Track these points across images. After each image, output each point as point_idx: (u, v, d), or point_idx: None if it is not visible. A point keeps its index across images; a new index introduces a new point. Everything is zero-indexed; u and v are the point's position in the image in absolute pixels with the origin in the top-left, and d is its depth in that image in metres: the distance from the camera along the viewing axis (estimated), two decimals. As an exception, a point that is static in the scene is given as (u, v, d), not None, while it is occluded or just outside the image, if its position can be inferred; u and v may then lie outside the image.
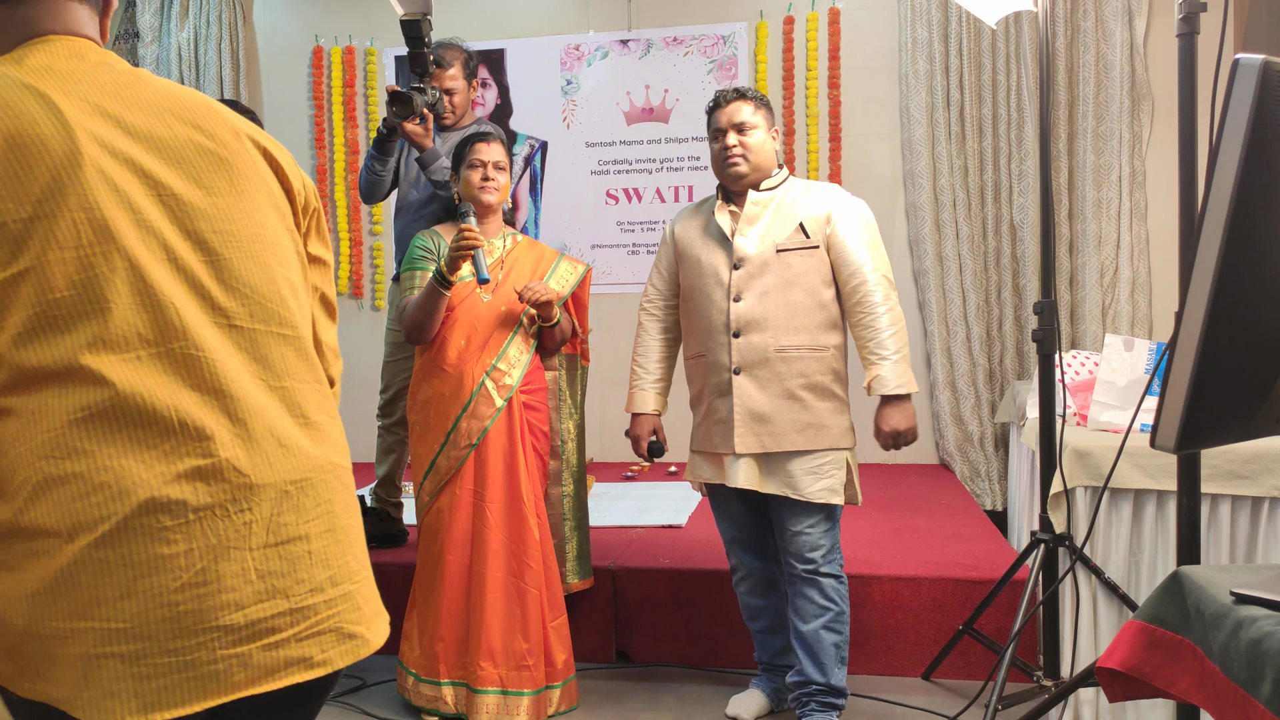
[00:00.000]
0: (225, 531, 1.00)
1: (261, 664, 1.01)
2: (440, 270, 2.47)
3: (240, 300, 1.07)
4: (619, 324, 4.76)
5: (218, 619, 0.99)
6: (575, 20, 4.81)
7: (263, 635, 1.02)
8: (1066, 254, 4.27)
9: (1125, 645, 1.26)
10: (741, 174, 2.40)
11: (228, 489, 1.00)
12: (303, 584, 1.05)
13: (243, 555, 1.01)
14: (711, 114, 2.46)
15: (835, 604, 2.37)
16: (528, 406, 2.60)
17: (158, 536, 0.96)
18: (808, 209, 2.39)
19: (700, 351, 2.46)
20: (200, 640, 0.98)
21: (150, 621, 0.96)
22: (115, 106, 1.04)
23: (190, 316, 1.02)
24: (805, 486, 2.34)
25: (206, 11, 5.02)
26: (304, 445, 1.09)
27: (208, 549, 0.98)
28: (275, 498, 1.04)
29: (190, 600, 0.97)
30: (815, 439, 2.35)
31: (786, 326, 2.35)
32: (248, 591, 1.01)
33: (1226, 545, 2.40)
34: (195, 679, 0.97)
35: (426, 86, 2.84)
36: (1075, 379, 2.91)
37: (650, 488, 4.20)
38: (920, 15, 4.32)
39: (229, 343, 1.05)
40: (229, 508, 1.00)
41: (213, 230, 1.06)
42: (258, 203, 1.12)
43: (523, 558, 2.52)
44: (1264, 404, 1.08)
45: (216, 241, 1.06)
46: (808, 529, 2.35)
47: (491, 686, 2.49)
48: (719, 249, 2.43)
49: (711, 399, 2.44)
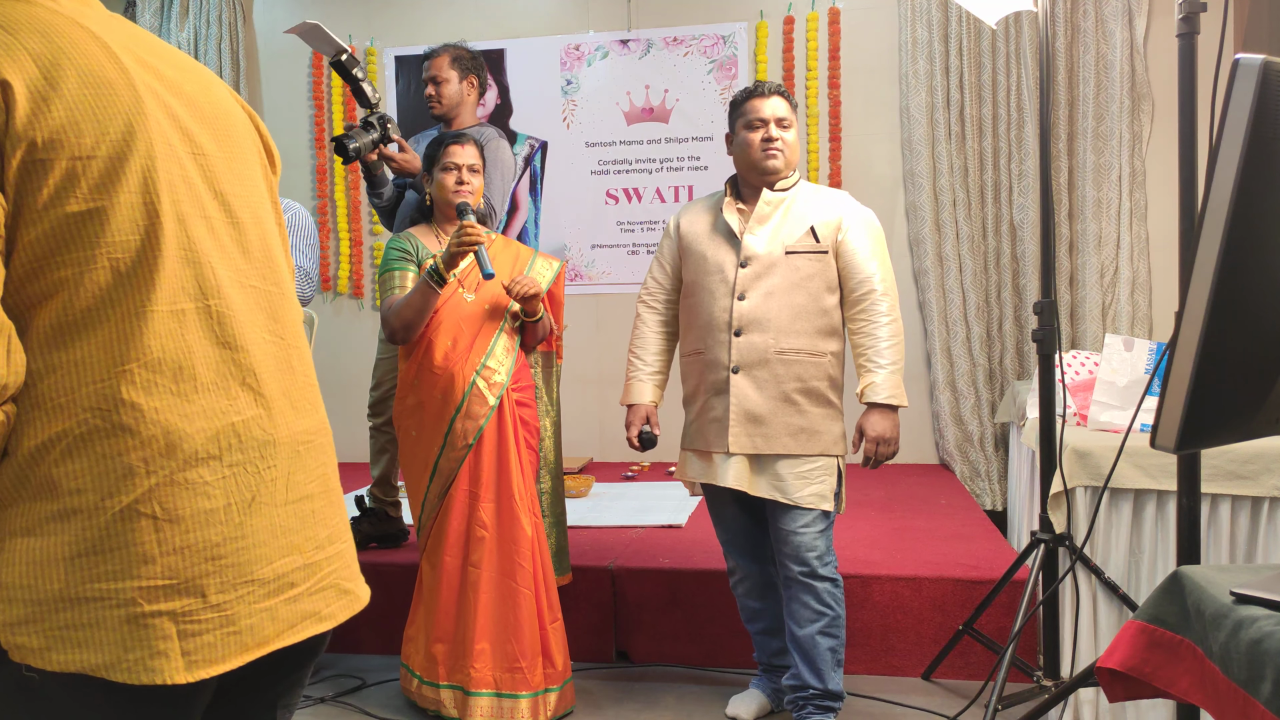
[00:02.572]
0: (256, 486, 1.02)
1: (285, 617, 1.03)
2: (436, 268, 2.45)
3: (253, 262, 1.09)
4: (619, 324, 4.76)
5: (253, 573, 1.00)
6: (575, 20, 4.81)
7: (285, 589, 1.04)
8: (1066, 254, 4.27)
9: (1125, 645, 1.26)
10: (778, 168, 2.38)
11: (255, 445, 1.02)
12: (310, 540, 1.08)
13: (271, 510, 1.03)
14: (745, 103, 2.40)
15: (831, 609, 2.36)
16: (519, 404, 2.60)
17: (201, 491, 0.97)
18: (820, 214, 2.38)
19: (698, 348, 2.45)
20: (239, 594, 0.99)
21: (198, 576, 0.96)
22: (151, 59, 1.04)
23: (222, 274, 1.03)
24: (794, 490, 2.33)
25: (206, 11, 5.03)
26: (306, 406, 1.11)
27: (243, 503, 1.00)
28: (289, 455, 1.06)
29: (232, 554, 0.98)
30: (807, 444, 2.35)
31: (788, 329, 2.34)
32: (274, 546, 1.03)
33: (1226, 545, 2.40)
34: (235, 634, 0.98)
35: (374, 117, 2.88)
36: (1075, 379, 2.91)
37: (650, 488, 4.20)
38: (920, 15, 4.32)
39: (250, 302, 1.06)
40: (258, 464, 1.02)
41: (232, 191, 1.08)
42: (254, 166, 1.14)
43: (514, 557, 2.51)
44: (1264, 404, 1.08)
45: (236, 203, 1.08)
46: (802, 529, 2.34)
47: (485, 689, 2.47)
48: (726, 246, 2.41)
49: (707, 397, 2.42)
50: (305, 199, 5.09)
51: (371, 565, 3.16)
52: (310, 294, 2.79)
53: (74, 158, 0.92)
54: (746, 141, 2.39)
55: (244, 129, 1.14)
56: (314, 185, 5.10)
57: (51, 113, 0.91)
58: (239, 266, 1.06)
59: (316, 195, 5.10)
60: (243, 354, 1.03)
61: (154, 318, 0.96)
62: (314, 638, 1.09)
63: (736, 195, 2.47)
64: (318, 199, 5.09)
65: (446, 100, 3.17)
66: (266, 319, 1.08)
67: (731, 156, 2.48)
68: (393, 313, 2.52)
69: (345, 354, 4.95)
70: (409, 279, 2.57)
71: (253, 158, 1.14)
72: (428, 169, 2.66)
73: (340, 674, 2.96)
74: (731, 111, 2.46)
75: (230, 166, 1.09)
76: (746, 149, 2.40)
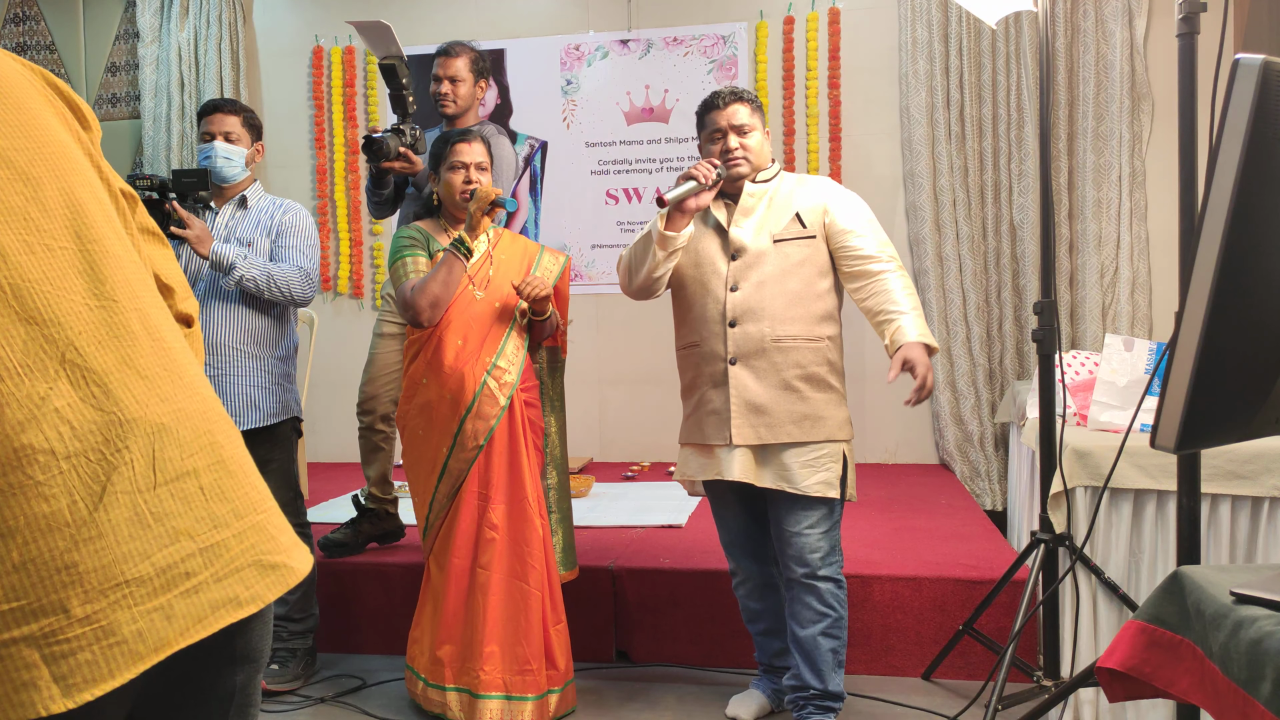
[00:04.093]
0: (105, 475, 0.88)
1: (186, 612, 0.91)
2: (460, 239, 2.44)
3: (54, 219, 0.96)
4: (618, 324, 4.76)
5: (123, 573, 0.87)
6: (575, 20, 4.81)
7: (178, 582, 0.91)
8: (1066, 254, 4.27)
9: (1125, 645, 1.26)
10: (743, 174, 2.41)
11: (93, 428, 0.88)
12: (203, 521, 0.94)
13: (132, 498, 0.89)
14: (706, 115, 2.44)
15: (833, 610, 2.35)
16: (527, 404, 2.58)
17: (34, 494, 0.83)
18: (803, 200, 2.40)
19: (694, 341, 2.44)
20: (112, 600, 0.86)
21: (51, 590, 0.83)
22: None
23: (7, 241, 0.90)
24: (801, 480, 2.31)
25: (206, 11, 5.03)
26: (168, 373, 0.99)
27: (91, 497, 0.87)
28: (150, 431, 0.93)
29: (89, 557, 0.85)
30: (812, 430, 2.33)
31: (783, 316, 2.34)
32: (146, 538, 0.89)
33: (1226, 545, 2.40)
34: (118, 644, 0.86)
35: (406, 128, 2.91)
36: (1075, 379, 2.91)
37: (650, 488, 4.20)
38: (920, 15, 4.32)
39: (58, 266, 0.93)
40: (102, 449, 0.89)
41: (13, 147, 0.95)
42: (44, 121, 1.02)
43: (526, 559, 2.49)
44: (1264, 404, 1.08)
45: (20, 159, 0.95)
46: (806, 530, 2.33)
47: (495, 691, 2.45)
48: (715, 240, 2.42)
49: (704, 389, 2.41)
50: (305, 199, 5.09)
51: (373, 565, 3.16)
52: (310, 294, 2.78)
53: None
54: (709, 153, 2.44)
55: (25, 89, 1.00)
56: (314, 185, 5.10)
57: None
58: (37, 227, 0.92)
59: (316, 195, 5.10)
60: (54, 328, 0.89)
61: None
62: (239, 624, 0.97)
63: (721, 194, 2.47)
64: (318, 199, 5.09)
65: (462, 101, 3.15)
66: (86, 281, 0.94)
67: None
68: (417, 291, 2.47)
69: (345, 354, 4.95)
70: (422, 264, 2.54)
71: (43, 116, 0.99)
72: (434, 167, 2.62)
73: (340, 674, 2.95)
74: (697, 122, 2.49)
75: (4, 122, 0.94)
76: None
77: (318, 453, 5.07)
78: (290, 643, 2.84)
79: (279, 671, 2.80)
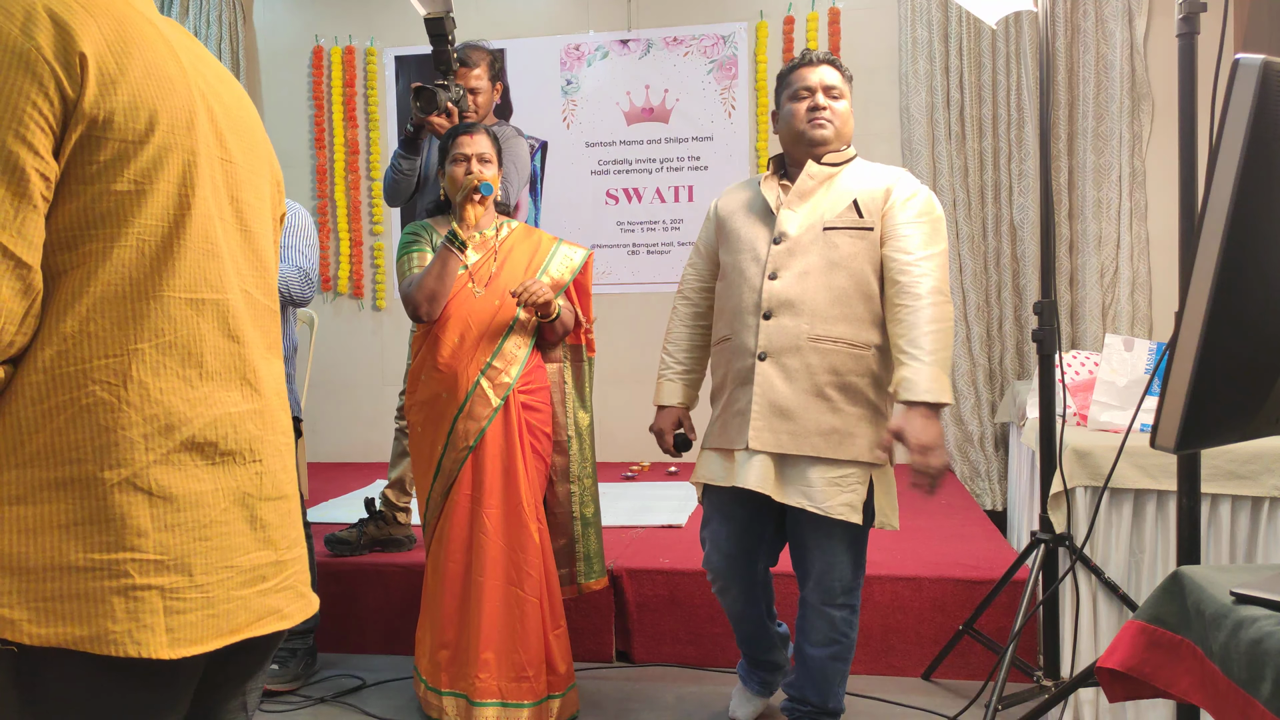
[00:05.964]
0: (242, 477, 1.05)
1: (255, 608, 1.06)
2: (451, 232, 2.39)
3: (256, 272, 1.13)
4: (619, 324, 4.76)
5: (232, 559, 1.03)
6: (575, 20, 4.81)
7: (257, 581, 1.06)
8: (1066, 254, 4.27)
9: (1125, 645, 1.26)
10: (827, 138, 2.16)
11: (247, 439, 1.06)
12: (284, 538, 1.11)
13: (254, 502, 1.06)
14: (791, 73, 2.22)
15: (845, 637, 2.22)
16: (527, 407, 2.50)
17: (193, 474, 1.00)
18: (866, 185, 2.14)
19: (726, 334, 2.22)
20: (220, 578, 1.01)
21: (186, 555, 0.98)
22: (200, 65, 1.09)
23: (231, 276, 1.07)
24: (824, 499, 2.08)
25: (206, 11, 5.02)
26: (282, 414, 1.15)
27: (230, 490, 1.04)
28: (273, 454, 1.10)
29: (217, 537, 1.01)
30: (839, 447, 2.08)
31: (825, 313, 2.08)
32: (252, 537, 1.06)
33: (1226, 545, 2.40)
34: (213, 616, 1.00)
35: (450, 83, 2.84)
36: (1075, 379, 2.91)
37: (650, 488, 4.20)
38: (920, 15, 4.33)
39: (249, 308, 1.11)
40: (246, 456, 1.06)
41: (245, 201, 1.13)
42: (266, 183, 1.19)
43: (523, 566, 2.43)
44: (1264, 404, 1.08)
45: (248, 213, 1.13)
46: (830, 559, 2.14)
47: (490, 699, 2.41)
48: (760, 223, 2.20)
49: (732, 388, 2.19)
50: (305, 199, 5.09)
51: (372, 565, 3.16)
52: (310, 294, 2.78)
53: (126, 141, 0.96)
54: (791, 112, 2.20)
55: (264, 147, 1.19)
56: (314, 185, 5.10)
57: (116, 94, 0.95)
58: (244, 273, 1.11)
59: (316, 195, 5.09)
60: (248, 350, 1.07)
61: (171, 303, 0.99)
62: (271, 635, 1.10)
63: (782, 174, 2.26)
64: (318, 199, 5.09)
65: (482, 111, 3.09)
66: (260, 331, 1.12)
67: (778, 135, 2.28)
68: (414, 287, 2.44)
69: (345, 354, 4.95)
70: (426, 259, 2.51)
71: (265, 174, 1.18)
72: (440, 163, 2.58)
73: (340, 674, 2.95)
74: (778, 85, 2.28)
75: (249, 178, 1.13)
76: (791, 120, 2.20)
77: (318, 453, 5.07)
78: (290, 643, 2.83)
79: (279, 671, 2.80)
